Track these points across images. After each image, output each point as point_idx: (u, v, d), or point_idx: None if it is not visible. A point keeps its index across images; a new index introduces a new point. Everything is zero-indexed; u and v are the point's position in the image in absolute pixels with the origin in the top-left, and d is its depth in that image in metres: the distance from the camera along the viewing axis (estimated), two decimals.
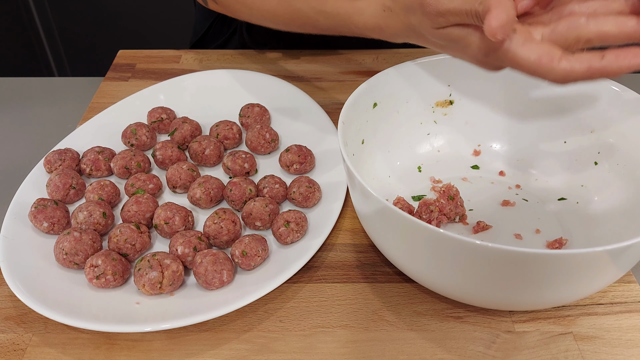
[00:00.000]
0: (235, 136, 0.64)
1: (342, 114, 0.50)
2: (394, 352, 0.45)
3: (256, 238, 0.51)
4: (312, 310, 0.49)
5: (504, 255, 0.37)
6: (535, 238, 0.53)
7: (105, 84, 0.77)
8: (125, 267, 0.49)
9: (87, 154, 0.60)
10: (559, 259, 0.37)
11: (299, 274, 0.51)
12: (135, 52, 0.84)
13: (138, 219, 0.54)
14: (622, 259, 0.39)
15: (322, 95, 0.73)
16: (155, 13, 1.62)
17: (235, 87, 0.71)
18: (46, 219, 0.52)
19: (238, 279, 0.50)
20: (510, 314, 0.48)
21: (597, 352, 0.45)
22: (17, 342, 0.46)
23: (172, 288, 0.48)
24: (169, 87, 0.71)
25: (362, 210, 0.48)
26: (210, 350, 0.46)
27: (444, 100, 0.60)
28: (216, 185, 0.57)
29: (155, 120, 0.66)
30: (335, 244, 0.55)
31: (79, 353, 0.46)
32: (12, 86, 0.80)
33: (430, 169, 0.60)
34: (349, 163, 0.45)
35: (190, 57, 0.82)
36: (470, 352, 0.45)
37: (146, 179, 0.57)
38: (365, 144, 0.56)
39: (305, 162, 0.60)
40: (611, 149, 0.54)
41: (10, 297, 0.49)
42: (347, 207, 0.58)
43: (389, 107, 0.57)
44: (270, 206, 0.54)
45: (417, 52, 0.82)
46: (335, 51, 0.83)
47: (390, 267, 0.52)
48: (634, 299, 0.49)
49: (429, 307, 0.49)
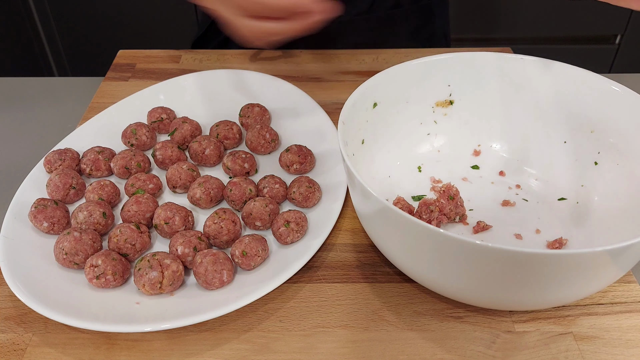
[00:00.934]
0: (235, 136, 0.64)
1: (342, 114, 0.50)
2: (394, 352, 0.45)
3: (256, 238, 0.51)
4: (312, 310, 0.49)
5: (504, 255, 0.37)
6: (535, 238, 0.53)
7: (105, 84, 0.77)
8: (125, 267, 0.49)
9: (87, 154, 0.60)
10: (559, 259, 0.37)
11: (299, 274, 0.51)
12: (135, 52, 0.84)
13: (138, 219, 0.54)
14: (622, 259, 0.39)
15: (322, 95, 0.73)
16: (155, 13, 1.62)
17: (235, 87, 0.71)
18: (46, 219, 0.52)
19: (238, 279, 0.50)
20: (510, 314, 0.48)
21: (597, 352, 0.45)
22: (17, 342, 0.46)
23: (172, 288, 0.48)
24: (169, 87, 0.71)
25: (362, 210, 0.48)
26: (210, 350, 0.46)
27: (444, 100, 0.60)
28: (216, 185, 0.57)
29: (155, 120, 0.66)
30: (335, 244, 0.55)
31: (79, 353, 0.46)
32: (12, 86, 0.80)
33: (430, 169, 0.60)
34: (349, 163, 0.45)
35: (190, 57, 0.82)
36: (470, 352, 0.45)
37: (146, 179, 0.57)
38: (365, 144, 0.56)
39: (305, 162, 0.60)
40: (611, 149, 0.54)
41: (10, 297, 0.49)
42: (347, 207, 0.58)
43: (389, 107, 0.57)
44: (270, 206, 0.54)
45: (417, 52, 0.82)
46: (335, 51, 0.83)
47: (390, 267, 0.52)
48: (634, 299, 0.49)
49: (429, 307, 0.49)
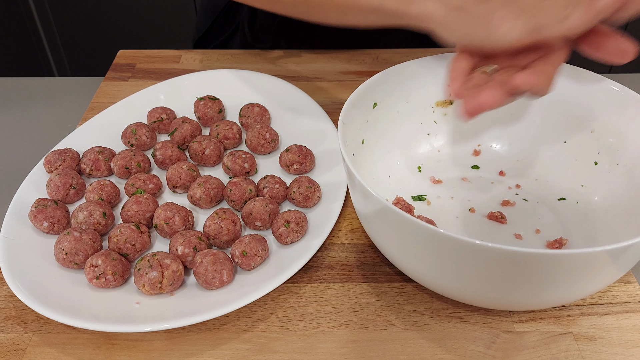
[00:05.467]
0: (235, 136, 0.64)
1: (342, 114, 0.50)
2: (394, 352, 0.45)
3: (256, 238, 0.51)
4: (312, 310, 0.49)
5: (504, 255, 0.37)
6: (535, 238, 0.53)
7: (105, 84, 0.77)
8: (125, 267, 0.49)
9: (87, 154, 0.60)
10: (559, 259, 0.37)
11: (299, 274, 0.51)
12: (135, 52, 0.83)
13: (138, 219, 0.54)
14: (622, 259, 0.39)
15: (322, 95, 0.73)
16: (155, 13, 1.62)
17: (235, 87, 0.71)
18: (46, 219, 0.52)
19: (238, 279, 0.50)
20: (510, 314, 0.48)
21: (597, 352, 0.45)
22: (17, 342, 0.46)
23: (172, 288, 0.48)
24: (169, 87, 0.71)
25: (362, 210, 0.47)
26: (210, 350, 0.46)
27: (444, 100, 0.60)
28: (216, 185, 0.57)
29: (155, 120, 0.66)
30: (335, 244, 0.55)
31: (79, 353, 0.46)
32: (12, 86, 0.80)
33: (430, 169, 0.60)
34: (349, 163, 0.45)
35: (190, 57, 0.82)
36: (470, 352, 0.45)
37: (146, 179, 0.57)
38: (365, 144, 0.56)
39: (305, 162, 0.60)
40: (611, 149, 0.54)
41: (10, 297, 0.49)
42: (347, 207, 0.58)
43: (389, 107, 0.57)
44: (270, 206, 0.54)
45: (417, 52, 0.82)
46: (335, 51, 0.83)
47: (390, 267, 0.52)
48: (634, 299, 0.49)
49: (429, 307, 0.49)
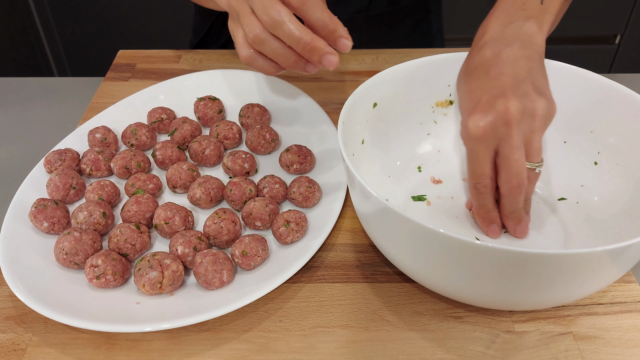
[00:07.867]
0: (235, 136, 0.64)
1: (342, 114, 0.50)
2: (394, 352, 0.45)
3: (256, 238, 0.51)
4: (312, 310, 0.49)
5: (504, 255, 0.37)
6: (536, 238, 0.53)
7: (105, 84, 0.77)
8: (125, 267, 0.49)
9: (87, 154, 0.60)
10: (558, 259, 0.37)
11: (299, 274, 0.51)
12: (135, 52, 0.83)
13: (138, 219, 0.54)
14: (622, 259, 0.39)
15: (322, 95, 0.73)
16: (155, 13, 1.62)
17: (235, 87, 0.71)
18: (46, 219, 0.52)
19: (238, 279, 0.50)
20: (510, 314, 0.48)
21: (597, 352, 0.45)
22: (17, 342, 0.46)
23: (172, 288, 0.48)
24: (169, 87, 0.71)
25: (362, 210, 0.48)
26: (210, 350, 0.46)
27: (444, 100, 0.60)
28: (216, 185, 0.57)
29: (155, 120, 0.66)
30: (335, 244, 0.55)
31: (79, 353, 0.46)
32: (12, 86, 0.80)
33: (430, 169, 0.60)
34: (349, 163, 0.45)
35: (190, 57, 0.82)
36: (470, 352, 0.45)
37: (146, 179, 0.57)
38: (365, 144, 0.56)
39: (305, 162, 0.60)
40: (611, 149, 0.54)
41: (10, 297, 0.49)
42: (347, 207, 0.58)
43: (389, 107, 0.57)
44: (270, 206, 0.54)
45: (417, 52, 0.82)
46: None
47: (390, 267, 0.52)
48: (634, 299, 0.49)
49: (429, 307, 0.49)
